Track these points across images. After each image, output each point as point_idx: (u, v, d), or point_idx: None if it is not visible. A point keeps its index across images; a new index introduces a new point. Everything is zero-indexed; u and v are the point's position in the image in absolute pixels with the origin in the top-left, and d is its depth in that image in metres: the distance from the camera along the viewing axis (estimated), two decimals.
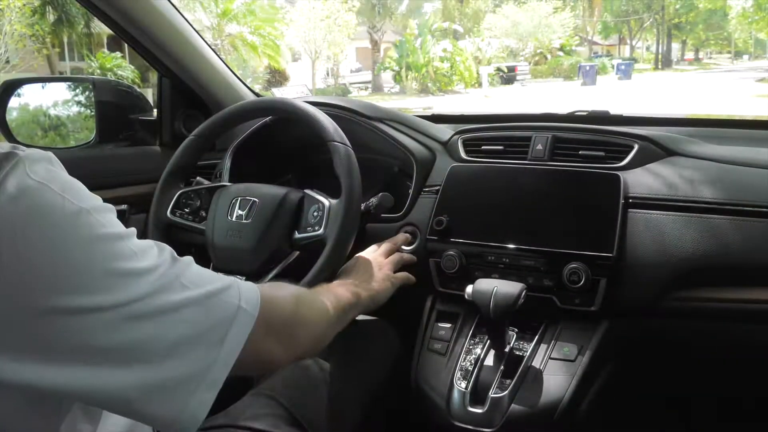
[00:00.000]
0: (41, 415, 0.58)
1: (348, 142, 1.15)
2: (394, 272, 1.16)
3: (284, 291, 0.80)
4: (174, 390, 0.57)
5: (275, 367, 0.75)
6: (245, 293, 0.65)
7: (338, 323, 0.92)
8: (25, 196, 0.51)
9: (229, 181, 1.29)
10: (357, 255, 1.18)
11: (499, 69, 26.72)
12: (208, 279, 0.63)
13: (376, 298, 1.07)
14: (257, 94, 1.81)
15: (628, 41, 38.52)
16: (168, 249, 0.62)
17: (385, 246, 1.22)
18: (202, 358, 0.59)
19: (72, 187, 0.55)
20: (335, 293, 0.96)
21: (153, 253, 0.60)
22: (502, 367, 1.08)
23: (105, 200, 0.59)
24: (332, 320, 0.90)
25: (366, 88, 25.81)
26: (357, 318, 1.22)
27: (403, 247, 1.27)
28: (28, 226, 0.50)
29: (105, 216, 0.56)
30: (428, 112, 1.78)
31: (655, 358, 1.27)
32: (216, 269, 1.16)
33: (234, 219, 1.17)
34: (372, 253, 1.19)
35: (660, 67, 34.58)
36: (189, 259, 0.64)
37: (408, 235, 1.28)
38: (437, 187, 1.28)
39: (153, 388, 0.56)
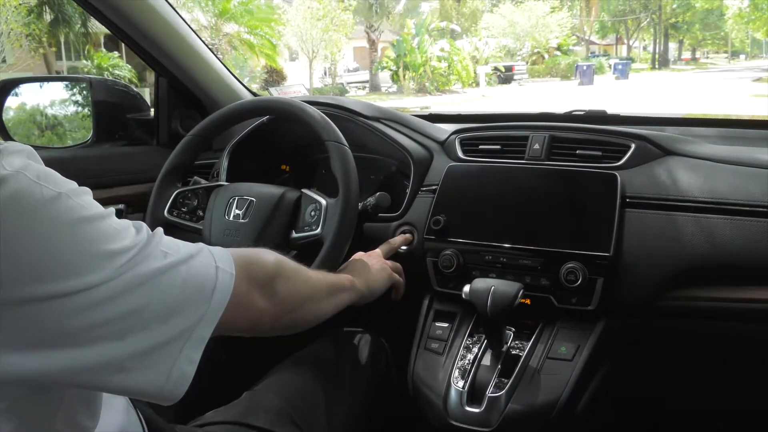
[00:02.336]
0: (38, 410, 0.58)
1: (345, 142, 1.15)
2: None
3: (262, 251, 0.83)
4: (162, 351, 0.59)
5: (264, 322, 0.77)
6: (218, 255, 0.68)
7: (329, 297, 0.94)
8: (1, 186, 0.51)
9: (227, 181, 1.29)
10: (354, 255, 1.18)
11: (496, 68, 26.73)
12: (182, 245, 0.65)
13: (372, 288, 1.08)
14: (254, 94, 1.81)
15: (626, 41, 38.61)
16: (144, 225, 0.63)
17: (384, 247, 1.22)
18: (189, 317, 0.61)
19: (47, 174, 0.55)
20: (325, 275, 0.98)
21: (132, 230, 0.61)
22: (499, 367, 1.08)
23: (102, 200, 0.59)
24: (319, 287, 0.92)
25: (363, 88, 25.79)
26: (344, 329, 1.22)
27: (402, 247, 1.27)
28: (6, 215, 0.50)
29: (83, 198, 0.57)
30: (426, 112, 1.78)
31: (652, 357, 1.27)
32: None
33: (231, 218, 1.17)
34: (369, 252, 1.20)
35: (657, 66, 34.66)
36: (159, 230, 0.65)
37: (408, 235, 1.28)
38: (434, 187, 1.28)
39: (145, 354, 0.57)
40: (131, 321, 0.56)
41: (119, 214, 0.61)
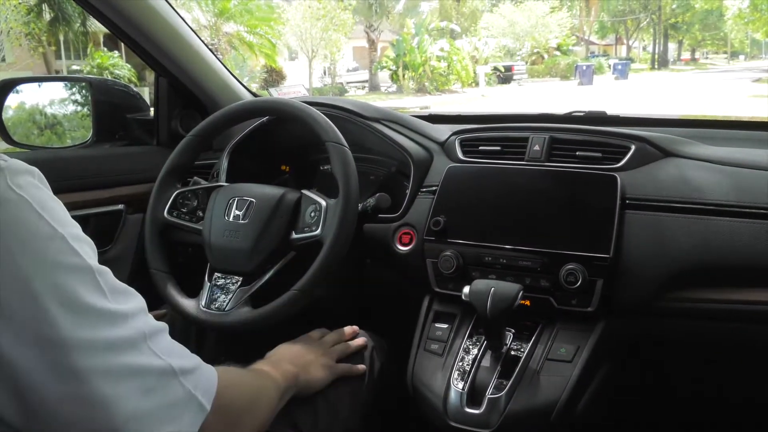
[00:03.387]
0: None
1: (345, 143, 1.15)
2: (337, 362, 1.11)
3: (245, 379, 0.79)
4: None
5: None
6: (204, 383, 0.64)
7: (277, 408, 0.90)
8: (2, 207, 0.50)
9: (226, 181, 1.29)
10: (304, 336, 1.14)
11: (496, 68, 26.74)
12: (177, 353, 0.62)
13: (311, 383, 1.03)
14: (254, 94, 1.82)
15: (625, 41, 38.63)
16: (142, 302, 0.60)
17: (332, 336, 1.16)
18: None
19: (53, 208, 0.53)
20: (281, 376, 0.94)
21: (125, 298, 0.57)
22: (499, 368, 1.08)
23: (101, 200, 0.58)
24: (274, 407, 0.88)
25: (363, 87, 25.79)
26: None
27: (401, 248, 1.27)
28: (1, 237, 0.49)
29: (80, 246, 0.54)
30: (425, 112, 1.79)
31: (652, 358, 1.27)
32: (213, 269, 1.16)
33: (231, 219, 1.17)
34: (317, 338, 1.15)
35: (657, 67, 34.66)
36: (163, 326, 0.62)
37: (362, 340, 1.19)
38: (434, 188, 1.28)
39: None
40: (97, 410, 0.53)
41: (119, 215, 0.61)
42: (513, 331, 1.14)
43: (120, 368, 0.54)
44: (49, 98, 1.73)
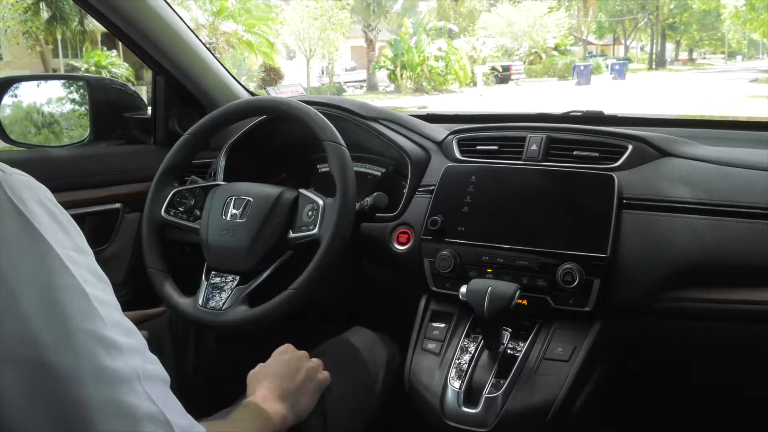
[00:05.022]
0: None
1: (343, 142, 1.15)
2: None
3: None
4: None
5: None
6: None
7: None
8: (8, 218, 0.49)
9: (224, 180, 1.29)
10: (279, 358, 1.03)
11: (493, 68, 26.73)
12: (172, 406, 0.57)
13: (301, 415, 0.96)
14: (252, 93, 1.81)
15: (623, 41, 38.69)
16: (143, 342, 0.57)
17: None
18: None
19: (51, 227, 0.52)
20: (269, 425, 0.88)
21: (124, 333, 0.54)
22: (496, 367, 1.08)
23: (99, 199, 0.58)
24: None
25: (361, 87, 25.76)
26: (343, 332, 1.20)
27: (399, 247, 1.27)
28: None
29: (77, 269, 0.52)
30: (423, 112, 1.79)
31: (649, 358, 1.27)
32: (210, 268, 1.16)
33: (228, 218, 1.17)
34: (293, 356, 1.03)
35: (654, 67, 34.69)
36: (165, 376, 0.58)
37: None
38: (432, 187, 1.28)
39: None
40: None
41: (116, 213, 0.60)
42: (510, 330, 1.14)
43: (109, 402, 0.51)
44: (46, 97, 1.73)
